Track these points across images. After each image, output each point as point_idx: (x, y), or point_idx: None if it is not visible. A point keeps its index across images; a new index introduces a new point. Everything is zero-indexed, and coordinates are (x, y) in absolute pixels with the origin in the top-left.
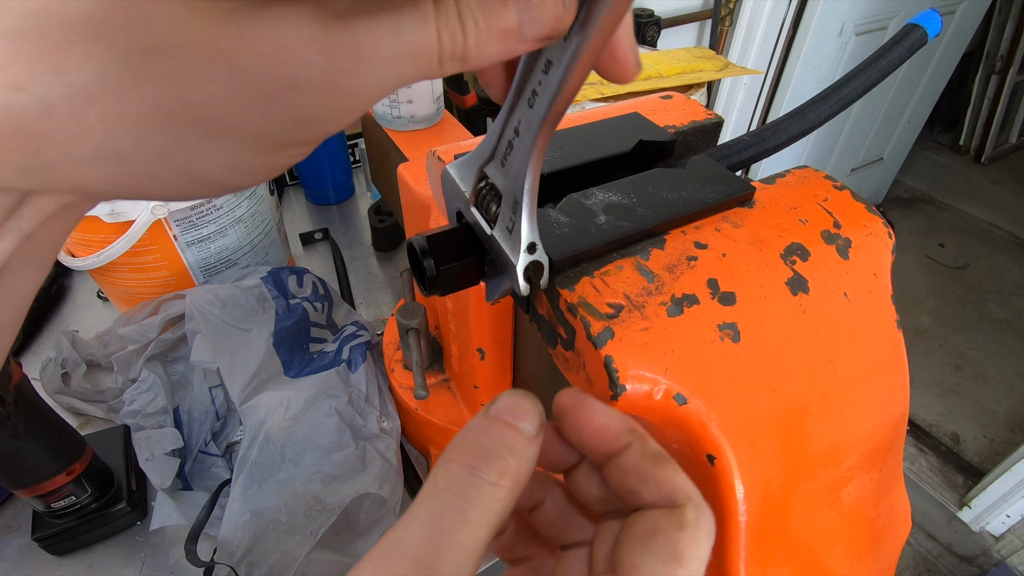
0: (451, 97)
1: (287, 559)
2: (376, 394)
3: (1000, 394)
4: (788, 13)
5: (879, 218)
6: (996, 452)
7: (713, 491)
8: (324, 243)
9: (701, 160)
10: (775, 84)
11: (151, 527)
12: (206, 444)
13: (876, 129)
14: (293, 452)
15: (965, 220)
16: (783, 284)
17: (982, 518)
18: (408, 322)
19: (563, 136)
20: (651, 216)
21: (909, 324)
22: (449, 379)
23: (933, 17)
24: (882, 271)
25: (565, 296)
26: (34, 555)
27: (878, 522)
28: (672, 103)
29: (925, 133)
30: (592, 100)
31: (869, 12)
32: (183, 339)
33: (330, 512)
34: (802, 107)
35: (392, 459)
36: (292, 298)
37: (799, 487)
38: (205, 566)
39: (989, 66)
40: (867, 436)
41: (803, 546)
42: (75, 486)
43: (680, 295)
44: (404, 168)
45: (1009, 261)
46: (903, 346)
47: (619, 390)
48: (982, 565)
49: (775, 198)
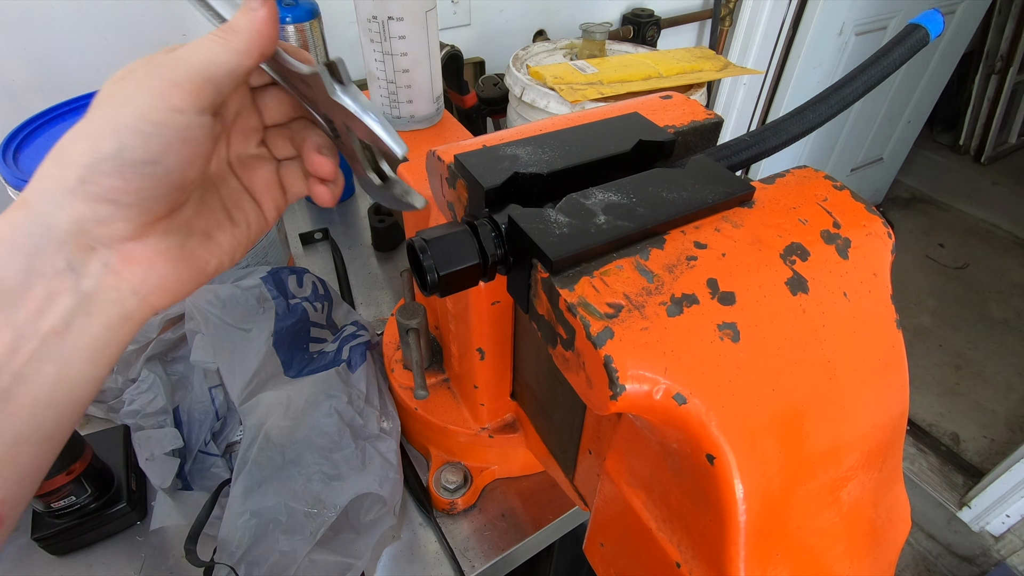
0: (451, 97)
1: (287, 559)
2: (376, 394)
3: (1000, 394)
4: (788, 13)
5: (879, 218)
6: (996, 452)
7: (713, 491)
8: (324, 243)
9: (701, 160)
10: (775, 84)
11: (151, 527)
12: (206, 444)
13: (876, 129)
14: (293, 452)
15: (965, 220)
16: (783, 284)
17: (982, 518)
18: (408, 322)
19: (563, 136)
20: (651, 216)
21: (909, 324)
22: (449, 379)
23: (935, 17)
24: (882, 271)
25: (565, 296)
26: (34, 555)
27: (878, 522)
28: (672, 103)
29: (925, 133)
30: (592, 100)
31: (869, 12)
32: (183, 339)
33: (330, 512)
34: (802, 107)
35: (392, 459)
36: (292, 298)
37: (799, 487)
38: (205, 566)
39: (989, 66)
40: (867, 436)
41: (803, 546)
42: (75, 486)
43: (680, 295)
44: (404, 168)
45: (1009, 261)
46: (903, 346)
47: (619, 390)
48: (982, 565)
49: (775, 198)
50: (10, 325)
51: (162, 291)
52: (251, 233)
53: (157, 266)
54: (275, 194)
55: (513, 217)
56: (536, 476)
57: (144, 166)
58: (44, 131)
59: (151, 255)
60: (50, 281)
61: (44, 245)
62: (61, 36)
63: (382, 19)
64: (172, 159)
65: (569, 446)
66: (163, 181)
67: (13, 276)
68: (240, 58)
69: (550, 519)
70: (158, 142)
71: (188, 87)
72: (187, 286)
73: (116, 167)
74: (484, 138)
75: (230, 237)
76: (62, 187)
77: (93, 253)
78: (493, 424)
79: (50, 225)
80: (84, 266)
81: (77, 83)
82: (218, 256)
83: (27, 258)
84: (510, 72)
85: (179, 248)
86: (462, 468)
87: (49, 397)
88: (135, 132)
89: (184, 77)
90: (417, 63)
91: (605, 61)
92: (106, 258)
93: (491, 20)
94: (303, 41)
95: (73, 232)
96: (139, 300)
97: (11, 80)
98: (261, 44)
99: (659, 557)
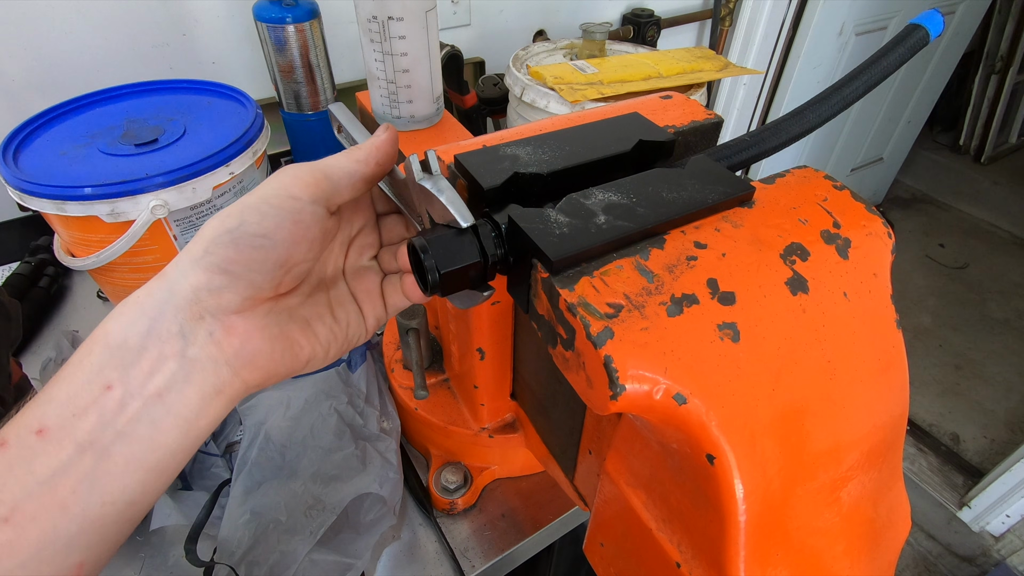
0: (451, 97)
1: (287, 559)
2: (376, 394)
3: (1000, 394)
4: (788, 13)
5: (879, 218)
6: (996, 452)
7: (713, 491)
8: None
9: (701, 160)
10: (775, 84)
11: (151, 527)
12: (206, 444)
13: (876, 129)
14: (293, 452)
15: (965, 220)
16: (783, 284)
17: (982, 518)
18: (408, 322)
19: (563, 136)
20: (651, 216)
21: (909, 324)
22: (449, 379)
23: (935, 17)
24: (882, 271)
25: (565, 296)
26: None
27: (878, 522)
28: (672, 103)
29: (925, 133)
30: (592, 100)
31: (869, 12)
32: None
33: (330, 512)
34: (802, 107)
35: (392, 459)
36: None
37: (799, 487)
38: (205, 566)
39: (989, 66)
40: (867, 436)
41: (803, 546)
42: None
43: (680, 295)
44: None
45: (1009, 261)
46: (903, 346)
47: (619, 390)
48: (982, 565)
49: (775, 198)
50: (123, 383)
51: (254, 367)
52: (349, 334)
53: (254, 339)
54: (376, 304)
55: (513, 217)
56: (536, 476)
57: (256, 239)
58: (44, 131)
59: (250, 328)
60: (163, 344)
61: (166, 310)
62: (61, 36)
63: (382, 19)
64: (281, 235)
65: (569, 446)
66: (271, 255)
67: (135, 337)
68: (358, 165)
69: (550, 519)
70: (272, 220)
71: (308, 180)
72: (279, 368)
73: (233, 238)
74: (484, 138)
75: (328, 331)
76: (190, 258)
77: (202, 322)
78: (493, 424)
79: (174, 292)
80: (193, 333)
81: (77, 83)
82: (313, 345)
83: (151, 320)
84: (510, 72)
85: (278, 328)
86: (462, 468)
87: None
88: (254, 210)
89: (307, 173)
90: (417, 63)
91: (605, 61)
92: (211, 327)
93: (491, 20)
94: (303, 41)
95: (190, 299)
96: (232, 373)
97: (11, 80)
98: (378, 156)
99: (659, 557)
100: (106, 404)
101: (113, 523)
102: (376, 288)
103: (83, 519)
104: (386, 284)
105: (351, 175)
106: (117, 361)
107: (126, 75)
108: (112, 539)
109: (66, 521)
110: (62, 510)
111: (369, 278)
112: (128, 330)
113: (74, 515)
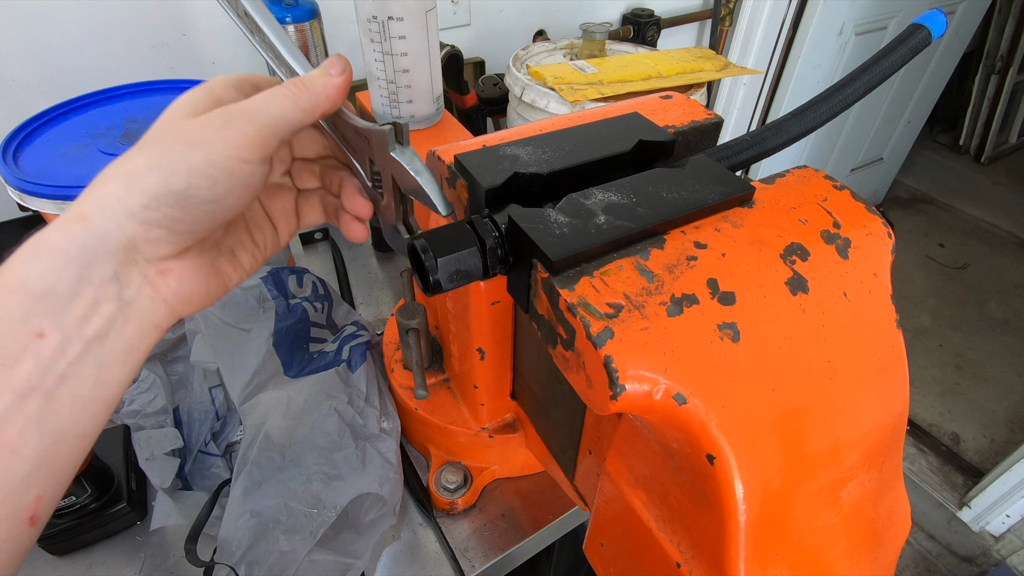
0: (451, 97)
1: (287, 559)
2: (376, 394)
3: (1000, 394)
4: (788, 13)
5: (879, 218)
6: (996, 452)
7: (713, 491)
8: (324, 243)
9: (701, 160)
10: (775, 84)
11: (151, 527)
12: (206, 444)
13: (876, 129)
14: (293, 452)
15: (965, 220)
16: (783, 284)
17: (982, 518)
18: (408, 322)
19: (563, 136)
20: (651, 216)
21: (909, 324)
22: (449, 379)
23: (937, 17)
24: (882, 271)
25: (565, 296)
26: (34, 555)
27: (878, 522)
28: (672, 103)
29: (925, 133)
30: (592, 100)
31: (869, 12)
32: (183, 339)
33: (330, 512)
34: (803, 107)
35: (392, 459)
36: (292, 298)
37: (799, 487)
38: (205, 566)
39: (989, 66)
40: (867, 436)
41: (803, 546)
42: (75, 486)
43: (680, 295)
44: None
45: (1009, 261)
46: (903, 346)
47: (619, 390)
48: (982, 565)
49: (775, 198)
50: (59, 329)
51: (190, 303)
52: (267, 253)
53: (190, 280)
54: (290, 220)
55: (513, 217)
56: (536, 476)
57: (206, 204)
58: (44, 131)
59: (186, 270)
60: (97, 289)
61: (96, 257)
62: (61, 36)
63: (382, 19)
64: (231, 200)
65: (569, 446)
66: (218, 217)
67: (65, 284)
68: (304, 116)
69: (550, 519)
70: (224, 187)
71: (257, 140)
72: (211, 298)
73: (180, 201)
74: (484, 138)
75: (250, 256)
76: (124, 210)
77: (135, 266)
78: (493, 424)
79: (104, 239)
80: (127, 276)
81: (77, 83)
82: (239, 272)
83: (79, 267)
84: (510, 72)
85: (210, 265)
86: (462, 468)
87: (88, 396)
88: (204, 175)
89: (254, 131)
90: (417, 63)
91: (605, 61)
92: (146, 271)
93: (491, 20)
94: (303, 41)
95: (124, 247)
96: (169, 310)
97: (12, 80)
98: (327, 106)
99: (659, 557)
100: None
101: (66, 456)
102: (291, 206)
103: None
104: (301, 201)
105: (296, 127)
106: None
107: (126, 75)
108: (67, 470)
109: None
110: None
111: (283, 196)
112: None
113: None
